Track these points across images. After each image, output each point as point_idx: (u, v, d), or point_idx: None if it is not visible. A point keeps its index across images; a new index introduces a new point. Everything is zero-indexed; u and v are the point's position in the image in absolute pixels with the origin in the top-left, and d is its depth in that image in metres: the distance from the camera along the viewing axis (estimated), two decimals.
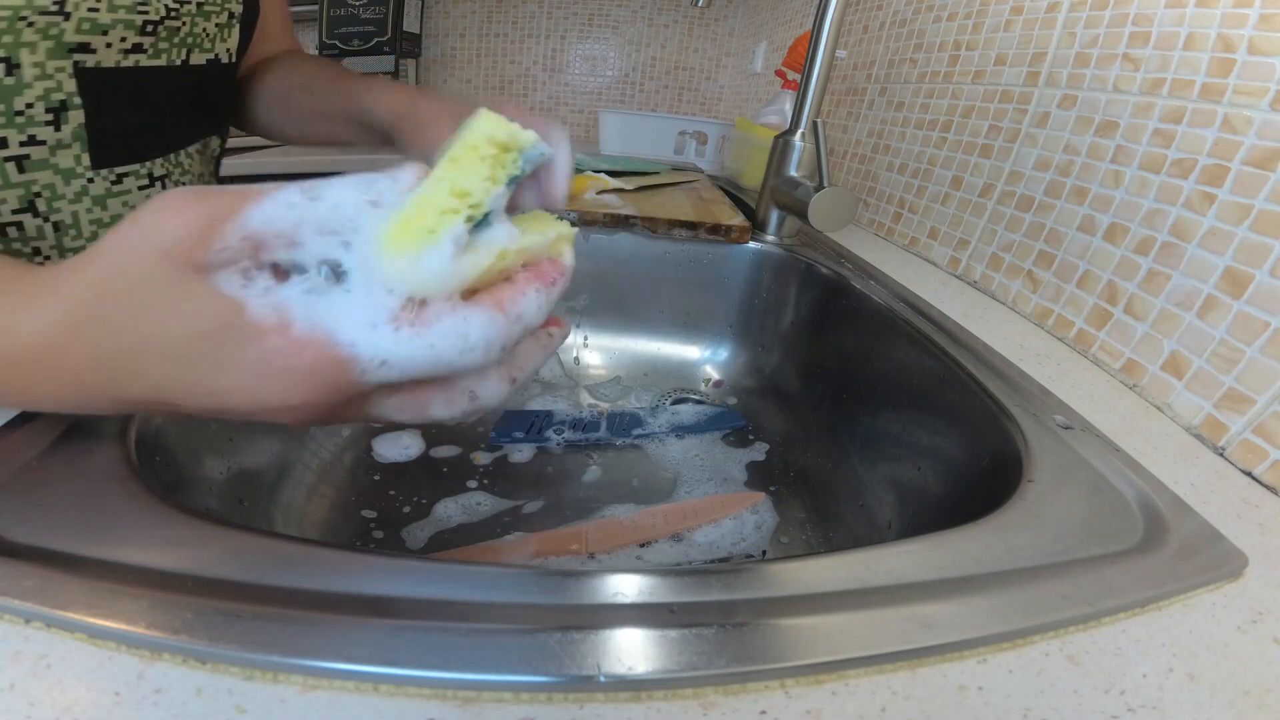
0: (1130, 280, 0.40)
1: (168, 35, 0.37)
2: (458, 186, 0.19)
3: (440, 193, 0.19)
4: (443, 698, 0.16)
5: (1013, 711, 0.17)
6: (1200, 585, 0.22)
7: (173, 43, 0.38)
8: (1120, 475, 0.28)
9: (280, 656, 0.16)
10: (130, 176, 0.39)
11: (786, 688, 0.17)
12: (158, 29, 0.36)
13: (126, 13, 0.34)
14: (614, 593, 0.19)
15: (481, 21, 1.64)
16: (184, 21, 0.38)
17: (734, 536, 0.41)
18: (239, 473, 0.34)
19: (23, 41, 0.31)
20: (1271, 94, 0.33)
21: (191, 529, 0.21)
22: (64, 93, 0.33)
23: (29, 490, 0.21)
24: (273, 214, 0.18)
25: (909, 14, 0.72)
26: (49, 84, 0.33)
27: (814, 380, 0.55)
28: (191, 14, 0.38)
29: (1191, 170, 0.37)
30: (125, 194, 0.39)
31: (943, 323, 0.45)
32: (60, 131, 0.34)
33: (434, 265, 0.18)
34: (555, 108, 1.73)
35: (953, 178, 0.60)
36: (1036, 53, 0.51)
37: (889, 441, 0.44)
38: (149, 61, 0.37)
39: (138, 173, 0.39)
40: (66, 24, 0.32)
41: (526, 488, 0.44)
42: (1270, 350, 0.31)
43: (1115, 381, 0.39)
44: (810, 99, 0.58)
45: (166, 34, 0.37)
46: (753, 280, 0.62)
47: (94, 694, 0.15)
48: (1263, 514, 0.27)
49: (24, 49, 0.31)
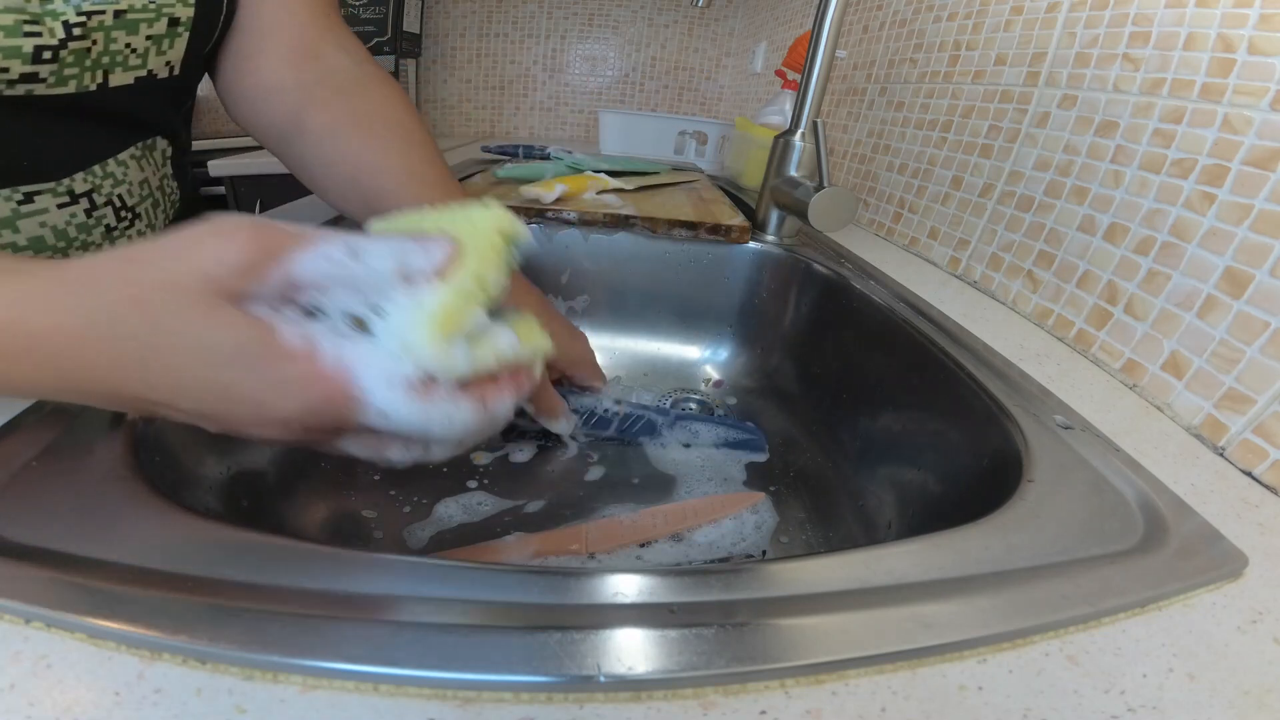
0: (1130, 280, 0.40)
1: (75, 60, 0.31)
2: (480, 277, 0.21)
3: (468, 284, 0.21)
4: (443, 698, 0.16)
5: (1013, 711, 0.17)
6: (1200, 585, 0.22)
7: (82, 66, 0.32)
8: (1120, 475, 0.28)
9: (280, 656, 0.16)
10: (45, 194, 0.34)
11: (786, 688, 0.17)
12: (58, 54, 0.30)
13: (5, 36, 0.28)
14: (614, 593, 0.19)
15: (481, 21, 1.64)
16: (94, 40, 0.31)
17: (734, 536, 0.41)
18: (239, 473, 0.34)
19: None
20: (1271, 94, 0.33)
21: (191, 529, 0.21)
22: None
23: (29, 490, 0.21)
24: (316, 266, 0.20)
25: (909, 14, 0.72)
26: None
27: (814, 380, 0.55)
28: (105, 28, 0.32)
29: (1191, 170, 0.37)
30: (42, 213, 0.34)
31: (943, 323, 0.45)
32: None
33: (459, 356, 0.21)
34: (555, 108, 1.73)
35: (953, 178, 0.60)
36: (1036, 53, 0.51)
37: (889, 441, 0.44)
38: (47, 90, 0.31)
39: (54, 190, 0.34)
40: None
41: (527, 487, 0.44)
42: (1270, 350, 0.31)
43: (1115, 381, 0.39)
44: (810, 99, 0.58)
45: (73, 58, 0.31)
46: (753, 280, 0.62)
47: (94, 694, 0.15)
48: (1263, 514, 0.27)
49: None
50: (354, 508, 0.41)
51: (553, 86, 1.71)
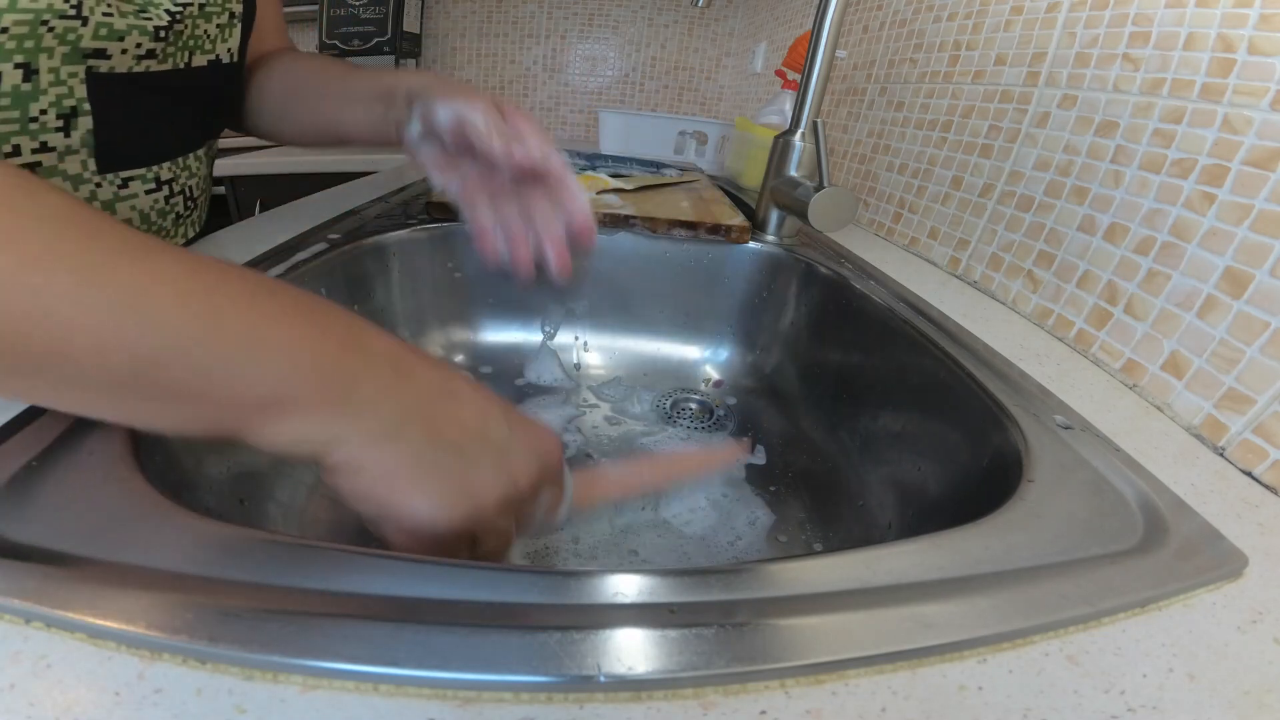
0: (1130, 280, 0.40)
1: (175, 39, 0.37)
2: None
3: None
4: (443, 698, 0.16)
5: (1013, 711, 0.17)
6: (1200, 585, 0.22)
7: (178, 46, 0.38)
8: (1120, 475, 0.28)
9: (280, 656, 0.16)
10: (137, 180, 0.39)
11: (786, 688, 0.17)
12: (167, 34, 0.36)
13: (136, 18, 0.34)
14: (614, 593, 0.19)
15: (481, 21, 1.64)
16: (187, 25, 0.38)
17: (729, 534, 0.41)
18: (239, 473, 0.34)
19: (42, 47, 0.30)
20: (1271, 94, 0.33)
21: (191, 529, 0.20)
22: (75, 99, 0.33)
23: (29, 490, 0.21)
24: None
25: (909, 14, 0.72)
26: (61, 90, 0.32)
27: (814, 380, 0.55)
28: (194, 16, 0.38)
29: (1191, 170, 0.37)
30: (132, 198, 0.39)
31: (943, 323, 0.45)
32: (69, 138, 0.34)
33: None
34: (555, 108, 1.73)
35: (953, 178, 0.60)
36: (1036, 53, 0.51)
37: (889, 441, 0.44)
38: (158, 67, 0.37)
39: (144, 176, 0.39)
40: (84, 29, 0.32)
41: None
42: (1270, 350, 0.31)
43: (1115, 381, 0.39)
44: (810, 99, 0.58)
45: (174, 38, 0.37)
46: (753, 280, 0.62)
47: (94, 694, 0.15)
48: (1263, 514, 0.27)
49: (43, 54, 0.31)
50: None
51: (553, 86, 1.71)
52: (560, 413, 0.54)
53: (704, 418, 0.56)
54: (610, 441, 0.51)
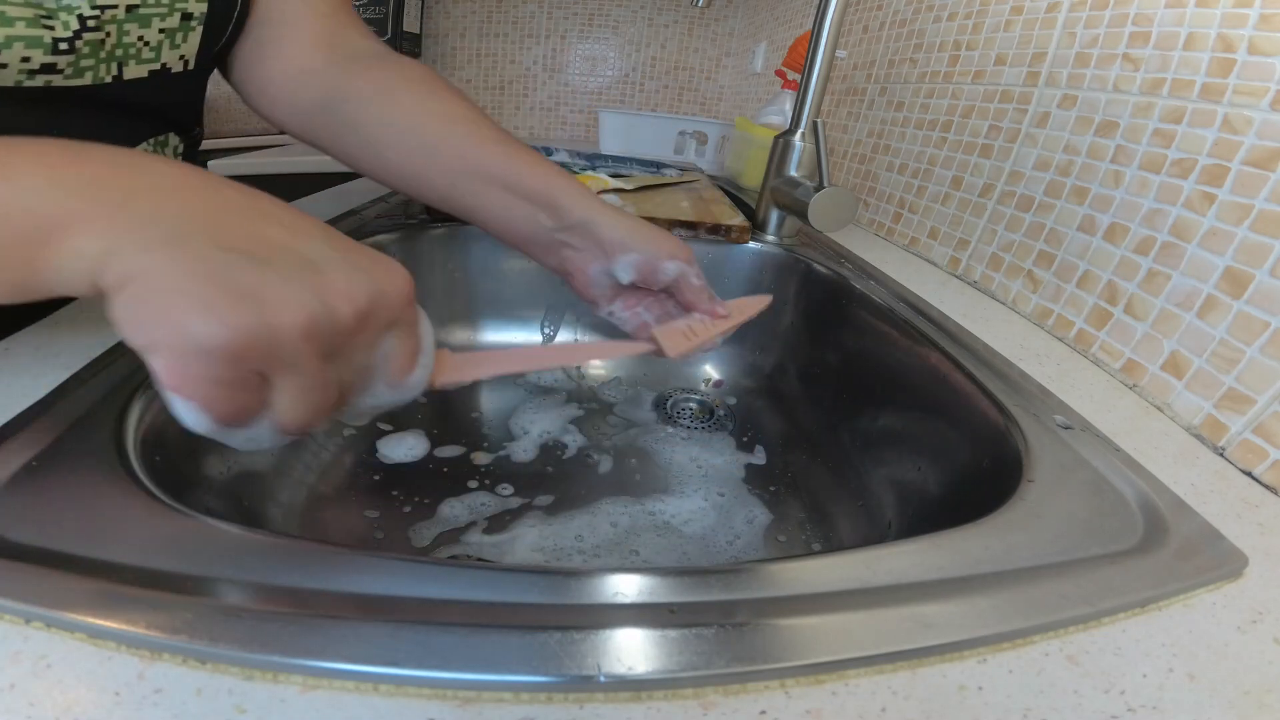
0: (1130, 280, 0.40)
1: (90, 51, 0.32)
2: None
3: None
4: (443, 698, 0.16)
5: (1013, 711, 0.17)
6: (1200, 585, 0.22)
7: (98, 59, 0.32)
8: (1120, 475, 0.28)
9: (280, 656, 0.16)
10: None
11: (786, 688, 0.17)
12: (74, 45, 0.31)
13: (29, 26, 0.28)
14: (614, 593, 0.19)
15: (481, 21, 1.64)
16: (107, 32, 0.32)
17: (728, 534, 0.41)
18: (239, 473, 0.34)
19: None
20: (1271, 94, 0.33)
21: (191, 529, 0.21)
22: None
23: (29, 490, 0.21)
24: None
25: (909, 14, 0.72)
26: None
27: (813, 380, 0.55)
28: (117, 21, 0.32)
29: (1191, 170, 0.37)
30: None
31: (943, 323, 0.45)
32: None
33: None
34: (555, 108, 1.73)
35: (953, 178, 0.60)
36: (1036, 53, 0.51)
37: (889, 441, 0.44)
38: (65, 82, 0.32)
39: None
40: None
41: (529, 486, 0.44)
42: (1270, 350, 0.31)
43: (1115, 381, 0.39)
44: (810, 99, 0.58)
45: (89, 49, 0.31)
46: (753, 280, 0.62)
47: (94, 694, 0.15)
48: (1263, 514, 0.27)
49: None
50: (355, 508, 0.41)
51: (553, 86, 1.71)
52: (561, 413, 0.54)
53: (704, 418, 0.56)
54: (611, 442, 0.51)
